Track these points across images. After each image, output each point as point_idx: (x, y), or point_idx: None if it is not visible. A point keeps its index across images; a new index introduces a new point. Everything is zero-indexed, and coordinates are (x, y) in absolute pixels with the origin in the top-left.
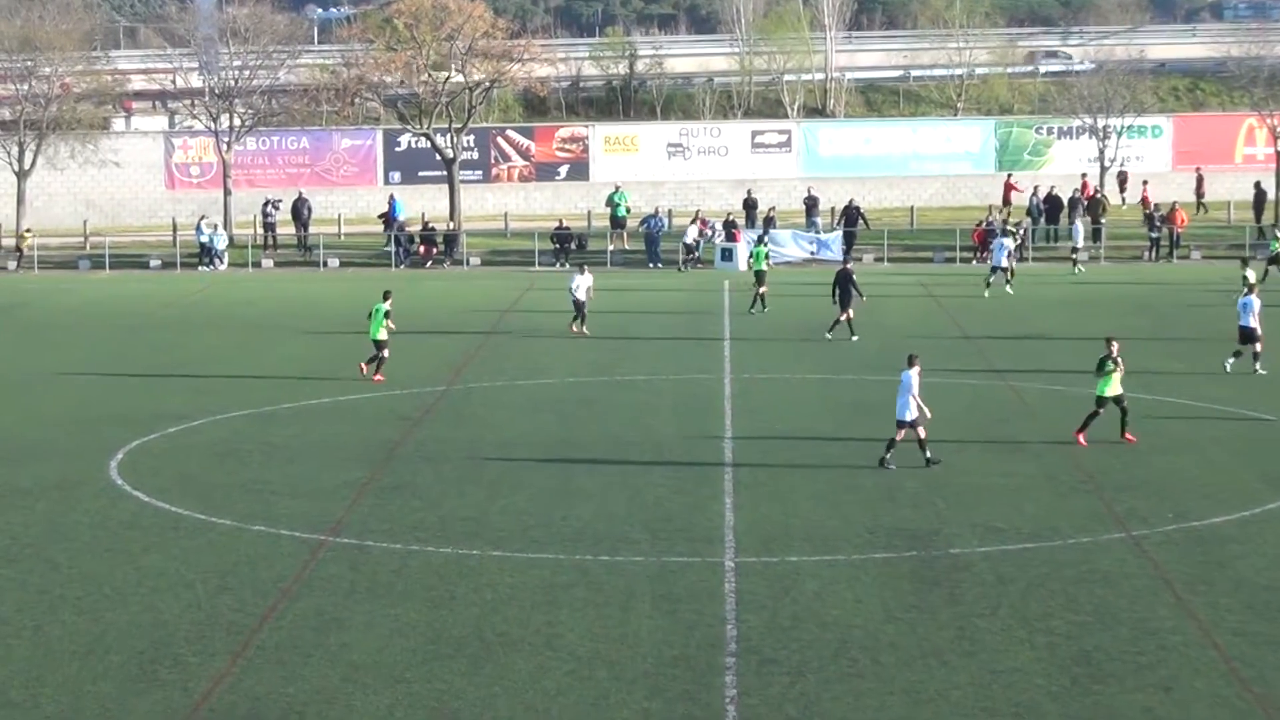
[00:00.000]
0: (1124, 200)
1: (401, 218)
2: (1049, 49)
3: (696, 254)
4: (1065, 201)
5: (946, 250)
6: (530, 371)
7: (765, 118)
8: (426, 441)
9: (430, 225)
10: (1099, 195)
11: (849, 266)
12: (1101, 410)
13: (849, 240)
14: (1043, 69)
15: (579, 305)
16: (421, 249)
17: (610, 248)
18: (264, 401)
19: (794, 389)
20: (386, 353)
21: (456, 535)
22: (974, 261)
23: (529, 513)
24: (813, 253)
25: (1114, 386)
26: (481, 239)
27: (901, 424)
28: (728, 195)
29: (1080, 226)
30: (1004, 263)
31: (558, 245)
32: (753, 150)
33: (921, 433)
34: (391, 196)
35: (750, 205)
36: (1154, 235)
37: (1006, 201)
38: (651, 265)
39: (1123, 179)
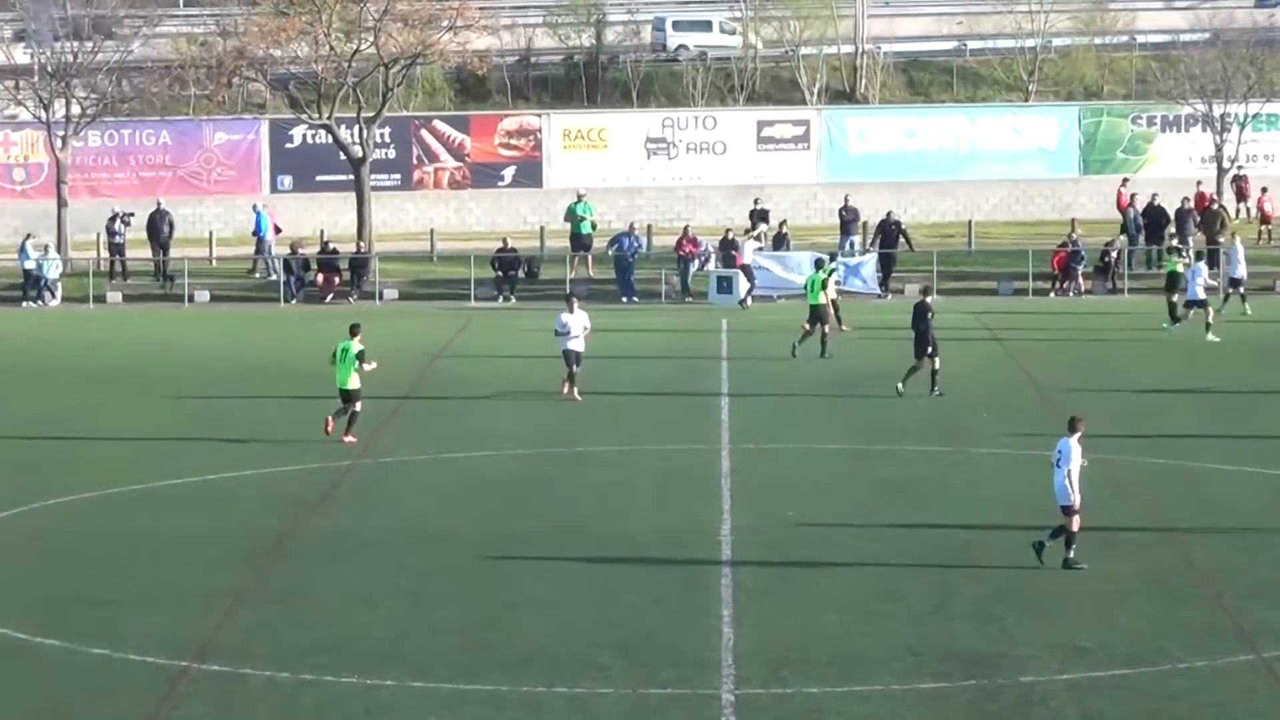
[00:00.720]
0: (1246, 211)
1: (269, 236)
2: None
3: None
4: (1171, 214)
5: (1015, 279)
6: (465, 440)
7: (776, 104)
8: (326, 534)
9: (331, 246)
10: (1216, 205)
11: (928, 300)
12: None
13: (886, 265)
14: None
15: (571, 358)
16: (320, 278)
17: (570, 276)
18: (108, 481)
19: (812, 463)
20: (360, 405)
21: (365, 660)
22: (1052, 293)
23: (462, 629)
24: (839, 282)
25: None
26: (400, 264)
27: (1068, 510)
28: (725, 206)
29: (1241, 249)
30: (1201, 293)
31: (501, 273)
32: (759, 146)
33: (1074, 523)
34: (255, 206)
35: (760, 217)
36: None
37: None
38: (625, 299)
39: (1241, 185)
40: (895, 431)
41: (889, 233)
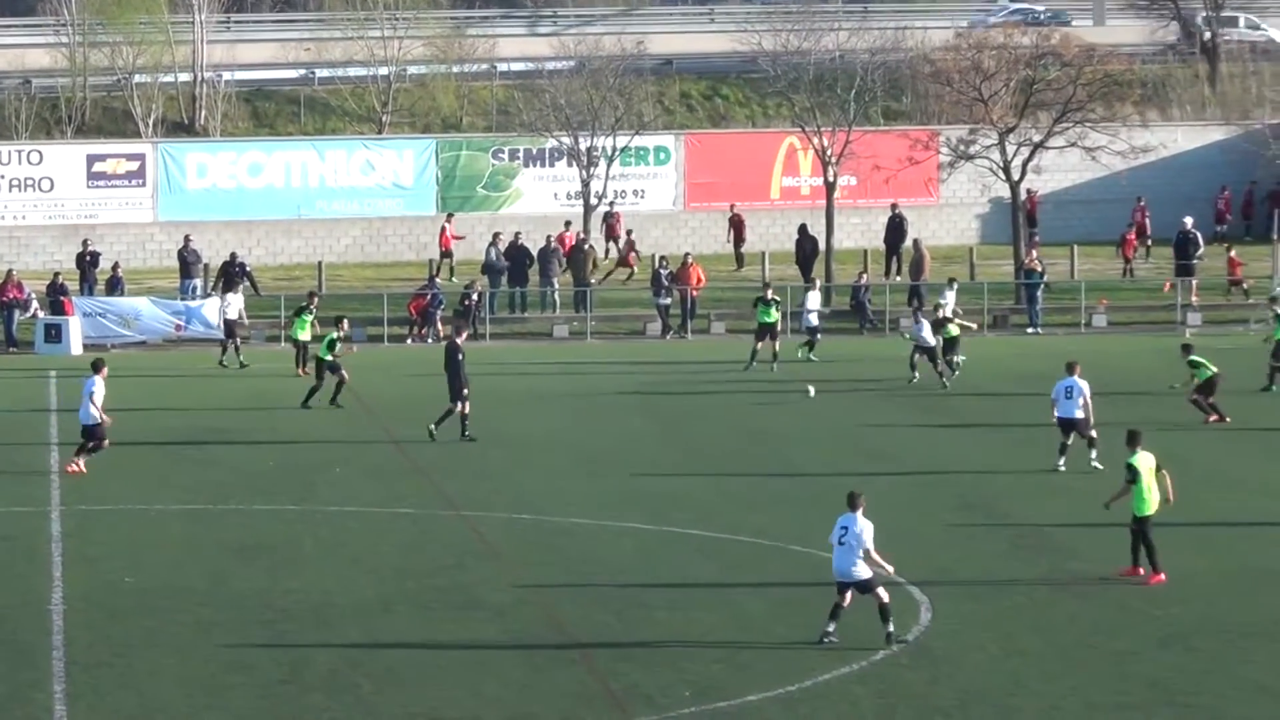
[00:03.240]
0: (618, 250)
1: None
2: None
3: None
4: (535, 254)
5: (370, 324)
6: None
7: (108, 136)
8: None
9: None
10: (585, 244)
11: (458, 340)
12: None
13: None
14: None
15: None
16: None
17: None
18: None
19: (154, 526)
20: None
21: None
22: (410, 339)
23: None
24: (180, 327)
25: (1154, 498)
26: None
27: (843, 585)
28: (53, 248)
29: (817, 299)
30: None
31: None
32: (90, 183)
33: (884, 595)
34: None
35: (89, 261)
36: (664, 302)
37: (446, 253)
38: None
39: (612, 223)
40: (243, 489)
41: (232, 275)
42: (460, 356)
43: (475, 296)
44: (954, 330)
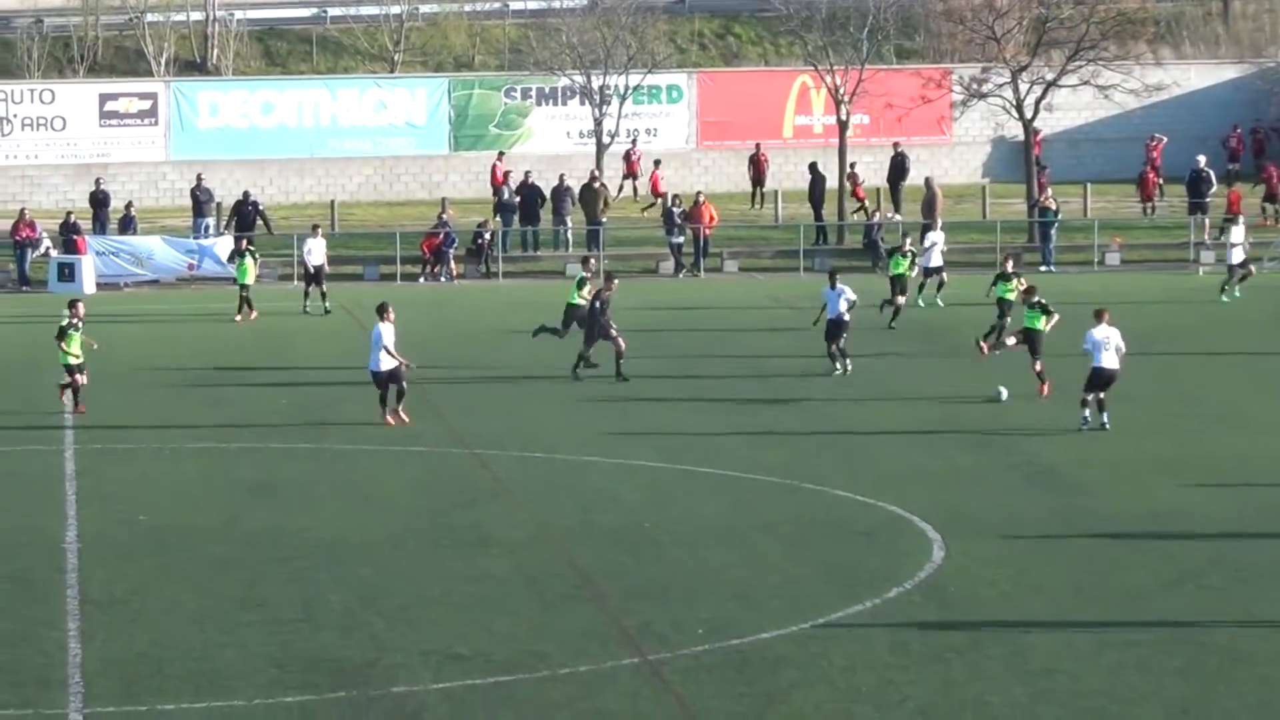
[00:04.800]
0: (634, 189)
1: None
2: None
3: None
4: (548, 193)
5: (382, 263)
6: None
7: (120, 76)
8: None
9: None
10: (596, 183)
11: (607, 292)
12: None
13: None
14: None
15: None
16: None
17: None
18: None
19: (167, 464)
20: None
21: None
22: (422, 279)
23: None
24: (193, 266)
25: None
26: None
27: None
28: (66, 186)
29: (940, 237)
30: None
31: None
32: (103, 122)
33: None
34: None
35: (100, 201)
36: (677, 241)
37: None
38: None
39: (631, 161)
40: (256, 428)
41: (245, 214)
42: (598, 305)
43: (488, 235)
44: (1010, 292)
